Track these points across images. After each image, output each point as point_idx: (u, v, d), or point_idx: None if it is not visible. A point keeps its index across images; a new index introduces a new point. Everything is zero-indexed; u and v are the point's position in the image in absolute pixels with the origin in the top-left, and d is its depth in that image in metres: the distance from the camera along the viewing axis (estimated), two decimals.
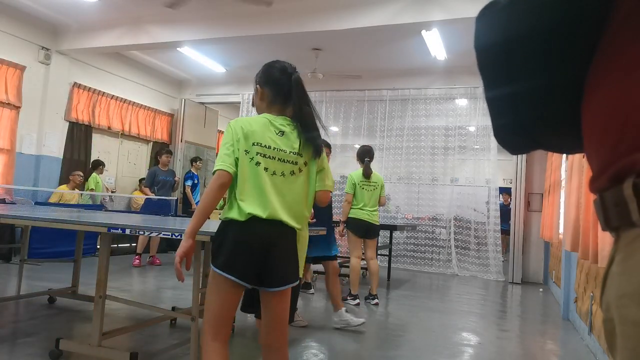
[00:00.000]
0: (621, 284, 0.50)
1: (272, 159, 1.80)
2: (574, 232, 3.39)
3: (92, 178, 7.55)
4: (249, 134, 1.78)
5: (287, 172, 1.82)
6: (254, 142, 1.78)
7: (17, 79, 6.95)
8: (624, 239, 0.51)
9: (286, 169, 1.82)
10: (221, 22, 6.47)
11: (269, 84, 1.90)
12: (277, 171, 1.80)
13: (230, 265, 1.73)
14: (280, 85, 1.88)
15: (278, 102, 1.89)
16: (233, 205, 1.77)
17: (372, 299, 4.98)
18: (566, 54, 0.56)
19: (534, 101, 0.60)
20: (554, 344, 4.10)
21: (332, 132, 9.47)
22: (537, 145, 0.66)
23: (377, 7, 5.71)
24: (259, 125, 1.82)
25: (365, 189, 4.96)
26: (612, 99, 0.51)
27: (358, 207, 4.94)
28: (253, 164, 1.77)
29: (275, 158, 1.81)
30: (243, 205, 1.74)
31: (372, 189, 4.99)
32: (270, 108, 1.90)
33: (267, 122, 1.84)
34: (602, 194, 0.53)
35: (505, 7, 0.59)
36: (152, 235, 2.51)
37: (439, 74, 8.06)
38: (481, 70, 0.65)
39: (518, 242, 7.70)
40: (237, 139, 1.77)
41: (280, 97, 1.88)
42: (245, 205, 1.74)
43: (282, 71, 1.89)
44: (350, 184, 4.97)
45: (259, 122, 1.83)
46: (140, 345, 3.14)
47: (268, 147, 1.80)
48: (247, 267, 1.75)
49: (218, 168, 1.75)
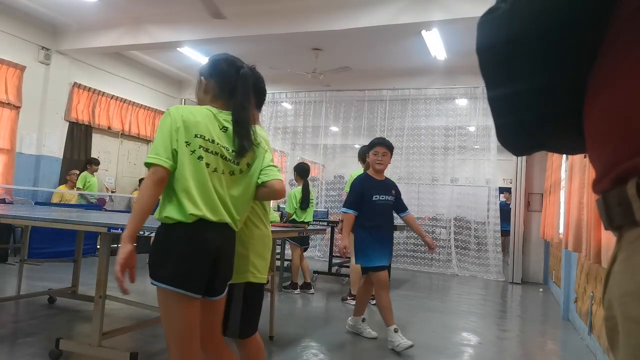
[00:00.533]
0: (624, 282, 0.50)
1: (214, 155, 1.63)
2: (576, 232, 3.39)
3: (82, 177, 7.50)
4: (191, 125, 1.60)
5: (228, 171, 1.67)
6: (197, 134, 1.60)
7: (17, 79, 6.95)
8: (627, 237, 0.51)
9: (228, 168, 1.67)
10: (221, 22, 6.47)
11: (214, 76, 1.77)
12: (219, 169, 1.64)
13: (182, 278, 1.54)
14: (227, 78, 1.74)
15: (223, 96, 1.74)
16: (173, 204, 1.57)
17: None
18: (567, 57, 0.57)
19: (536, 102, 0.61)
20: (554, 344, 4.10)
21: (332, 132, 9.48)
22: (539, 146, 0.66)
23: (377, 7, 5.71)
24: (202, 117, 1.64)
25: None
26: (614, 103, 0.52)
27: None
28: (195, 158, 1.59)
29: (218, 154, 1.64)
30: (188, 206, 1.55)
31: None
32: (214, 102, 1.75)
33: (211, 115, 1.68)
34: (605, 194, 0.54)
35: (506, 12, 0.60)
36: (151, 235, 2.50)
37: (439, 74, 8.06)
38: (483, 71, 0.65)
39: (518, 242, 7.70)
40: (176, 128, 1.58)
41: (226, 91, 1.74)
42: (190, 206, 1.55)
43: (230, 64, 1.77)
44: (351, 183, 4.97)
45: (202, 113, 1.66)
46: (140, 345, 3.14)
47: (212, 142, 1.63)
48: (201, 277, 1.58)
49: (153, 162, 1.55)
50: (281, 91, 9.24)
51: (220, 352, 1.81)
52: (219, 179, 1.64)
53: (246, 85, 1.75)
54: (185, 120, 1.60)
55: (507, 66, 0.61)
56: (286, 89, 9.21)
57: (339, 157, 9.44)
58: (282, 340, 3.45)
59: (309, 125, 9.19)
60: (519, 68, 0.60)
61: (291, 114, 9.40)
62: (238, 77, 1.74)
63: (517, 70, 0.60)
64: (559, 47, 0.56)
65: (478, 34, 0.64)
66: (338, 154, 9.44)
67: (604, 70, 0.54)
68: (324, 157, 9.73)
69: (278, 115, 9.44)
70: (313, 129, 9.23)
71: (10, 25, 6.82)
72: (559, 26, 0.55)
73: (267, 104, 9.35)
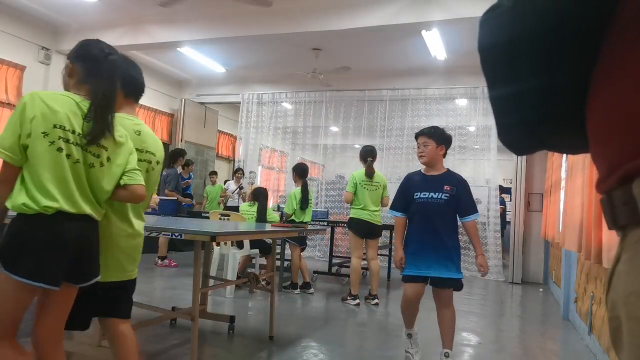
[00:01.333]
0: (628, 282, 0.50)
1: (75, 146, 1.58)
2: (578, 232, 3.38)
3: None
4: (50, 114, 1.53)
5: (89, 162, 1.62)
6: (56, 124, 1.54)
7: (17, 79, 6.95)
8: (631, 237, 0.51)
9: (88, 160, 1.62)
10: (221, 22, 6.47)
11: (80, 60, 1.71)
12: (81, 160, 1.60)
13: (40, 272, 1.51)
14: (94, 63, 1.69)
15: (88, 82, 1.68)
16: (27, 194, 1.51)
17: (373, 299, 4.97)
18: (569, 55, 0.57)
19: (537, 100, 0.60)
20: (554, 344, 4.10)
21: (332, 132, 9.48)
22: (541, 145, 0.66)
23: (377, 7, 5.71)
24: (63, 106, 1.57)
25: (367, 189, 4.95)
26: (618, 102, 0.52)
27: (359, 207, 4.94)
28: (54, 150, 1.53)
29: (80, 145, 1.60)
30: (42, 198, 1.51)
31: (374, 188, 4.99)
32: (79, 88, 1.68)
33: (73, 104, 1.61)
34: (610, 193, 0.53)
35: (508, 10, 0.60)
36: (152, 235, 2.50)
37: (439, 74, 8.06)
38: (484, 70, 0.65)
39: (518, 242, 7.70)
40: (31, 117, 1.51)
41: (92, 77, 1.67)
42: (47, 198, 1.51)
43: (100, 49, 1.73)
44: (352, 183, 4.97)
45: (63, 101, 1.59)
46: (140, 345, 3.14)
47: (72, 132, 1.58)
48: (60, 270, 1.56)
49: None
50: (281, 91, 9.24)
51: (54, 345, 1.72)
52: (79, 170, 1.60)
53: (112, 72, 1.70)
54: (42, 109, 1.53)
55: (508, 65, 0.61)
56: (286, 89, 9.21)
57: (339, 157, 9.43)
58: (282, 340, 3.45)
59: (309, 125, 9.19)
60: (521, 66, 0.60)
61: (291, 114, 9.39)
62: (106, 62, 1.70)
63: (518, 68, 0.60)
64: (561, 46, 0.56)
65: (480, 32, 0.64)
66: (338, 154, 9.43)
67: (607, 69, 0.54)
68: (324, 157, 9.73)
69: (278, 115, 9.44)
70: (313, 129, 9.23)
71: (10, 25, 6.82)
72: (561, 25, 0.55)
73: (267, 104, 9.37)
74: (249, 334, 3.63)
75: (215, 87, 9.81)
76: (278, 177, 11.39)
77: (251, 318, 4.16)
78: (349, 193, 4.97)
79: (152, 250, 6.84)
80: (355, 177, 5.00)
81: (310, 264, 5.97)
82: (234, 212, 5.53)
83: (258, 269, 5.55)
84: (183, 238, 2.51)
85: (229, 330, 3.52)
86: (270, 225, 3.98)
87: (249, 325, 3.90)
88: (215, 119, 10.68)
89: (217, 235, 2.45)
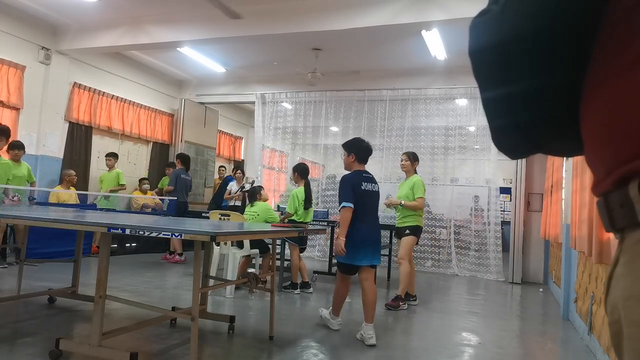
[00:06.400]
0: (627, 285, 0.49)
1: None
2: (581, 232, 3.38)
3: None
4: None
5: None
6: None
7: (17, 79, 6.94)
8: (629, 240, 0.50)
9: None
10: (221, 22, 6.47)
11: None
12: None
13: None
14: None
15: None
16: None
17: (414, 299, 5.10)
18: (561, 57, 0.56)
19: (530, 103, 0.60)
20: (554, 344, 4.10)
21: (332, 132, 9.48)
22: (536, 149, 0.66)
23: (377, 7, 5.71)
24: None
25: None
26: (612, 103, 0.51)
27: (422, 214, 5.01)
28: None
29: None
30: None
31: None
32: None
33: None
34: (606, 196, 0.53)
35: (498, 14, 0.59)
36: (152, 235, 2.50)
37: (439, 74, 8.06)
38: (476, 74, 0.65)
39: (518, 242, 7.70)
40: None
41: None
42: None
43: None
44: (423, 188, 4.99)
45: None
46: (140, 345, 3.14)
47: None
48: None
49: None
50: (281, 91, 9.24)
51: None
52: None
53: None
54: None
55: (499, 68, 0.61)
56: (286, 89, 9.21)
57: (339, 157, 9.43)
58: (282, 340, 3.45)
59: (309, 125, 9.19)
60: (512, 70, 0.59)
61: (291, 114, 9.39)
62: None
63: (510, 72, 0.60)
64: (551, 48, 0.56)
65: (470, 36, 0.64)
66: (338, 154, 9.42)
67: (600, 70, 0.53)
68: (324, 157, 9.73)
69: (278, 115, 9.44)
70: (313, 129, 9.23)
71: (10, 25, 6.82)
72: (551, 27, 0.55)
73: (267, 104, 9.37)
74: (248, 334, 3.63)
75: (215, 87, 9.81)
76: (278, 177, 11.38)
77: (251, 318, 4.16)
78: (423, 199, 4.96)
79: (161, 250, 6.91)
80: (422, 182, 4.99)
81: (310, 264, 5.96)
82: (234, 212, 5.53)
83: (258, 269, 5.55)
84: (183, 238, 2.52)
85: (229, 330, 3.52)
86: (270, 225, 3.98)
87: (249, 325, 3.90)
88: (216, 119, 10.67)
89: (217, 235, 2.45)
